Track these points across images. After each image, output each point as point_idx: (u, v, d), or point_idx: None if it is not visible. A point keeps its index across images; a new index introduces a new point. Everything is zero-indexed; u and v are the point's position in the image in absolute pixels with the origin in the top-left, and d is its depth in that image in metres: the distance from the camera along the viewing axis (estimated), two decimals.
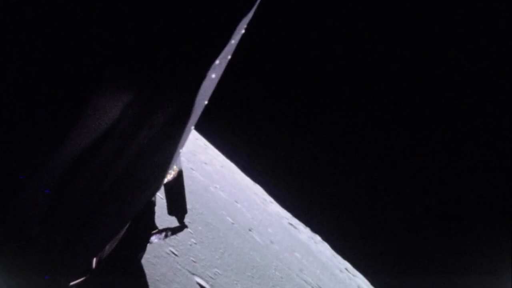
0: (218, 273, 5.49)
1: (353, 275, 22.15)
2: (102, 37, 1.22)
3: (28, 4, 1.13)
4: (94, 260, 1.83)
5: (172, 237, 5.23)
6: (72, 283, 1.67)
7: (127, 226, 2.03)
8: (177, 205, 2.80)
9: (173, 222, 3.35)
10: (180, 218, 2.94)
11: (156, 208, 2.68)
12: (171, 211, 2.84)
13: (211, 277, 5.13)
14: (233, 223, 8.95)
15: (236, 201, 12.06)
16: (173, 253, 4.83)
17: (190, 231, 6.09)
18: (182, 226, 2.98)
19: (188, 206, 7.57)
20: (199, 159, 13.59)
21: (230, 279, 5.65)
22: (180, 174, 2.67)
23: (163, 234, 2.81)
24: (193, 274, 4.77)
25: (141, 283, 3.42)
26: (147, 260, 4.11)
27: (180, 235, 5.53)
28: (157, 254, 4.42)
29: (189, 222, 6.41)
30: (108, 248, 1.95)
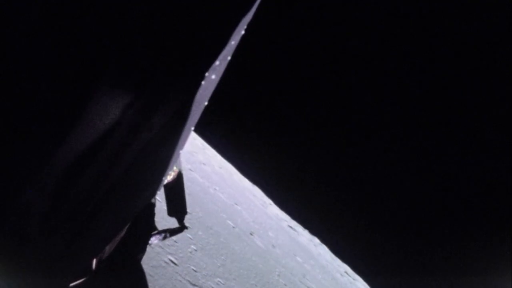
0: (221, 282, 5.08)
1: (354, 279, 21.78)
2: (102, 38, 1.19)
3: (27, 4, 1.12)
4: (94, 261, 1.83)
5: (171, 244, 4.81)
6: (71, 284, 1.67)
7: (127, 227, 2.02)
8: (177, 206, 2.77)
9: (173, 223, 3.19)
10: (180, 219, 2.89)
11: (156, 209, 2.62)
12: (171, 212, 2.82)
13: None
14: (234, 227, 8.54)
15: (236, 203, 11.64)
16: (172, 261, 4.41)
17: (190, 236, 5.67)
18: (182, 227, 2.92)
19: (188, 209, 7.14)
20: (197, 159, 13.18)
21: None
22: (180, 175, 2.65)
23: (163, 235, 2.77)
24: (194, 285, 4.36)
25: (140, 284, 3.13)
26: (144, 271, 3.70)
27: (180, 241, 5.12)
28: (155, 264, 4.00)
29: (189, 227, 6.00)
30: (108, 249, 1.94)
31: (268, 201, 20.84)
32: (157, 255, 4.20)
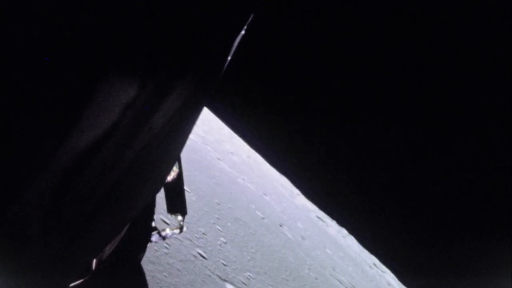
0: (251, 277, 4.88)
1: (382, 271, 21.37)
2: (102, 37, 1.18)
3: (27, 4, 1.10)
4: (94, 261, 1.84)
5: (200, 236, 4.63)
6: (71, 284, 1.69)
7: (127, 227, 2.03)
8: (177, 206, 2.79)
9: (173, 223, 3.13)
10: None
11: (156, 209, 2.62)
12: (171, 212, 2.83)
13: (243, 283, 4.51)
14: (263, 218, 8.33)
15: (264, 194, 11.44)
16: (201, 255, 4.23)
17: (219, 228, 5.49)
18: (182, 227, 2.95)
19: (217, 200, 6.97)
20: (225, 148, 13.03)
21: (264, 284, 5.03)
22: (180, 175, 2.68)
23: (163, 235, 2.81)
24: (224, 280, 4.17)
25: (141, 284, 3.17)
26: (172, 265, 3.52)
27: (209, 233, 4.94)
28: (184, 258, 3.82)
29: (218, 218, 5.82)
30: (108, 249, 1.96)
31: (296, 191, 20.58)
32: (185, 248, 4.02)
